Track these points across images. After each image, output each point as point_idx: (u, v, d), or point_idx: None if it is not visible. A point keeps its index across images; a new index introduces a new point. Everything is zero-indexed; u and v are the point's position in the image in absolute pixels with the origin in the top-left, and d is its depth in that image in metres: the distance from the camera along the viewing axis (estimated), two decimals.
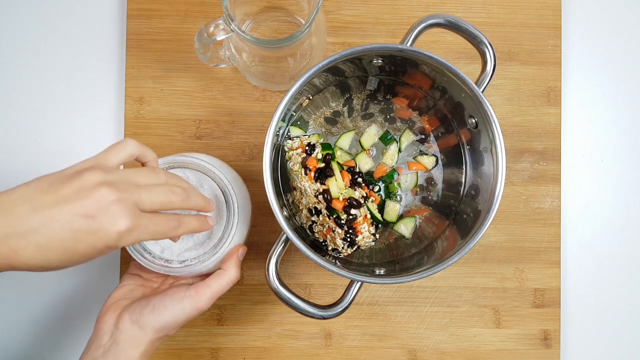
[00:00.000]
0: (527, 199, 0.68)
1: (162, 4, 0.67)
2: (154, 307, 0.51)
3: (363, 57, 0.55)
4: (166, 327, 0.51)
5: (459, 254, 0.52)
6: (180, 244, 0.55)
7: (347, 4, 0.68)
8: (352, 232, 0.58)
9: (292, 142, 0.61)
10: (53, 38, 0.68)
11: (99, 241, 0.42)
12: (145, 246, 0.54)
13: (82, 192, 0.42)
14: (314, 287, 0.67)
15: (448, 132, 0.63)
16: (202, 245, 0.55)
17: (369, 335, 0.67)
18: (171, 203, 0.46)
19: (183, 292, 0.52)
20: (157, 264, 0.54)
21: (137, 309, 0.51)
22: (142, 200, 0.44)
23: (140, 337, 0.50)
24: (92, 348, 0.51)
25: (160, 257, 0.54)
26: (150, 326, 0.51)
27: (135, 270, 0.58)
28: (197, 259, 0.54)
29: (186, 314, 0.51)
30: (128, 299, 0.53)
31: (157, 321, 0.51)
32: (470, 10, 0.69)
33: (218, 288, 0.53)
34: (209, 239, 0.56)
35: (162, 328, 0.51)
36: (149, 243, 0.54)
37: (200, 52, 0.58)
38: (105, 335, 0.51)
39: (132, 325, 0.51)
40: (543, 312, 0.68)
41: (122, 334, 0.50)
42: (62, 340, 0.67)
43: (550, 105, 0.69)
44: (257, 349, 0.67)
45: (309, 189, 0.58)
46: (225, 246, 0.54)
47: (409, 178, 0.63)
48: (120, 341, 0.50)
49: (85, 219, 0.41)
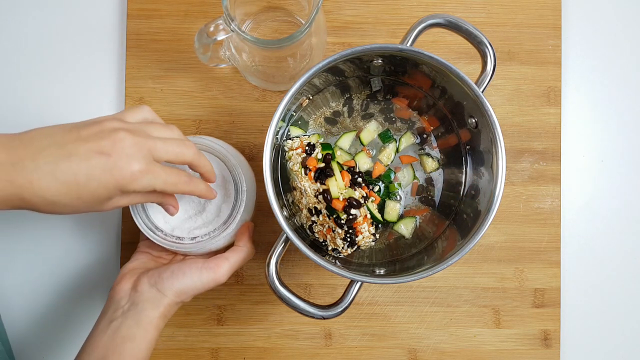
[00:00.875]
0: (527, 199, 0.68)
1: (162, 4, 0.67)
2: (173, 272, 0.52)
3: (363, 57, 0.55)
4: (184, 292, 0.52)
5: (459, 254, 0.52)
6: (189, 223, 0.57)
7: (347, 4, 0.68)
8: (352, 232, 0.58)
9: (292, 142, 0.61)
10: (53, 38, 0.68)
11: (112, 180, 0.43)
12: (156, 224, 0.56)
13: (101, 134, 0.44)
14: (314, 287, 0.67)
15: (448, 132, 0.63)
16: (211, 223, 0.57)
17: (369, 335, 0.67)
18: (184, 155, 0.48)
19: (202, 263, 0.53)
20: (169, 241, 0.55)
21: (155, 273, 0.53)
22: (157, 148, 0.46)
23: (159, 299, 0.51)
24: (108, 312, 0.52)
25: (172, 234, 0.56)
26: (169, 289, 0.52)
27: (144, 249, 0.59)
28: (207, 235, 0.56)
29: (204, 283, 0.53)
30: (143, 269, 0.55)
31: (176, 285, 0.52)
32: (470, 10, 0.69)
33: (235, 262, 0.54)
34: (217, 217, 0.57)
35: (180, 293, 0.52)
36: (159, 221, 0.56)
37: (200, 52, 0.58)
38: (123, 299, 0.52)
39: (150, 288, 0.52)
40: (543, 312, 0.68)
41: (141, 296, 0.51)
42: (61, 331, 0.67)
43: (550, 105, 0.69)
44: (257, 349, 0.67)
45: (309, 189, 0.58)
46: (234, 223, 0.56)
47: (406, 173, 0.63)
48: (140, 302, 0.51)
49: (102, 155, 0.43)
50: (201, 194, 0.52)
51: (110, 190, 0.44)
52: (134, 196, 0.47)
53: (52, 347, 0.67)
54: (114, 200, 0.46)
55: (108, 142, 0.44)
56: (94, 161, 0.43)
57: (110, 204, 0.46)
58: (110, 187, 0.44)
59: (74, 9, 0.68)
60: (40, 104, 0.67)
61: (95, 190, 0.44)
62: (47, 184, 0.42)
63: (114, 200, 0.46)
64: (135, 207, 0.55)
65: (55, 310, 0.67)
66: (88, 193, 0.44)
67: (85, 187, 0.43)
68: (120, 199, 0.46)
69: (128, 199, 0.47)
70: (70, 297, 0.67)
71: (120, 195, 0.46)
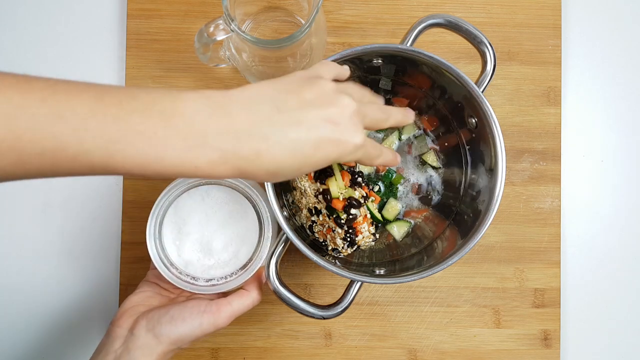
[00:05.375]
0: (527, 199, 0.68)
1: (162, 4, 0.67)
2: (172, 317, 0.50)
3: (363, 57, 0.55)
4: (181, 339, 0.50)
5: (459, 254, 0.52)
6: (203, 261, 0.54)
7: (347, 4, 0.68)
8: (352, 232, 0.58)
9: None
10: (53, 38, 0.68)
11: (335, 150, 0.39)
12: (171, 260, 0.54)
13: (326, 97, 0.40)
14: (314, 287, 0.67)
15: (448, 132, 0.63)
16: (228, 265, 0.55)
17: (369, 335, 0.67)
18: (384, 122, 0.45)
19: (204, 306, 0.51)
20: (183, 280, 0.53)
21: (154, 316, 0.50)
22: (368, 115, 0.42)
23: (154, 347, 0.49)
24: (102, 352, 0.50)
25: (186, 273, 0.54)
26: (166, 336, 0.49)
27: (153, 279, 0.57)
28: (224, 278, 0.54)
29: (203, 329, 0.50)
30: (145, 306, 0.52)
31: (174, 332, 0.49)
32: (470, 10, 0.69)
33: (239, 308, 0.52)
34: (234, 258, 0.55)
35: (177, 340, 0.50)
36: (173, 254, 0.54)
37: (200, 52, 0.58)
38: (118, 339, 0.50)
39: (147, 333, 0.49)
40: (543, 312, 0.68)
41: (136, 341, 0.49)
42: (61, 344, 0.67)
43: (550, 105, 0.69)
44: (257, 349, 0.67)
45: (309, 188, 0.58)
46: (253, 268, 0.54)
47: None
48: (133, 349, 0.49)
49: (332, 125, 0.39)
50: (388, 161, 0.47)
51: (330, 160, 0.40)
52: None
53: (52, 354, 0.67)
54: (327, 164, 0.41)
55: (337, 110, 0.39)
56: (323, 130, 0.38)
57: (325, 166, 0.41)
58: (332, 158, 0.40)
59: (74, 8, 0.68)
60: None
61: (319, 159, 0.39)
62: (275, 154, 0.37)
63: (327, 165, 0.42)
64: (152, 237, 0.53)
65: (56, 323, 0.67)
66: (310, 164, 0.39)
67: (311, 157, 0.39)
68: (336, 161, 0.42)
69: None
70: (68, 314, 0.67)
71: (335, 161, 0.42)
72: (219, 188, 0.55)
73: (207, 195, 0.55)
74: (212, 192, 0.55)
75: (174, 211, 0.54)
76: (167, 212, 0.54)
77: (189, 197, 0.54)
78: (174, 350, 0.51)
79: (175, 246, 0.54)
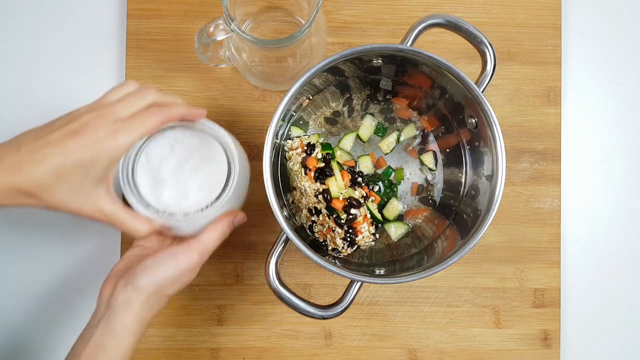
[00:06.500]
0: (527, 199, 0.68)
1: (162, 4, 0.67)
2: (146, 266, 0.51)
3: (363, 57, 0.55)
4: (161, 284, 0.51)
5: (459, 254, 0.52)
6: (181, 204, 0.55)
7: (347, 4, 0.68)
8: (352, 232, 0.58)
9: (292, 142, 0.61)
10: (53, 38, 0.68)
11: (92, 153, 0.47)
12: (147, 202, 0.54)
13: (70, 120, 0.49)
14: (314, 287, 0.67)
15: (448, 132, 0.63)
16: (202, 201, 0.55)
17: (369, 335, 0.67)
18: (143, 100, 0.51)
19: (175, 249, 0.52)
20: (161, 217, 0.54)
21: (131, 272, 0.51)
22: (116, 109, 0.49)
23: (133, 298, 0.50)
24: (90, 321, 0.51)
25: (164, 211, 0.54)
26: (144, 285, 0.50)
27: (138, 243, 0.57)
28: (200, 210, 0.54)
29: (180, 268, 0.51)
30: (124, 270, 0.53)
31: (152, 279, 0.50)
32: (470, 10, 0.69)
33: (209, 241, 0.53)
34: (208, 194, 0.55)
35: (157, 286, 0.51)
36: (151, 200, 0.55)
37: (200, 52, 0.58)
38: (102, 305, 0.51)
39: (125, 288, 0.50)
40: (543, 312, 0.68)
41: (116, 300, 0.50)
42: (59, 320, 0.67)
43: (550, 105, 0.69)
44: (257, 349, 0.67)
45: (309, 188, 0.58)
46: (226, 198, 0.54)
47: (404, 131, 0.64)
48: (115, 306, 0.50)
49: (72, 135, 0.47)
50: (182, 114, 0.52)
51: (101, 164, 0.48)
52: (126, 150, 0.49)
53: (47, 346, 0.67)
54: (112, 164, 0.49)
55: (75, 124, 0.48)
56: (68, 142, 0.47)
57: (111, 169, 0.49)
58: (99, 161, 0.47)
59: (74, 9, 0.68)
60: (40, 104, 0.67)
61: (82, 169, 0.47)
62: (34, 168, 0.46)
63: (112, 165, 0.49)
64: (127, 185, 0.54)
65: (55, 298, 0.67)
66: (77, 176, 0.47)
67: (71, 171, 0.47)
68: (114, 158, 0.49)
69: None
70: (70, 295, 0.67)
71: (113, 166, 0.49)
72: (183, 131, 0.56)
73: (176, 142, 0.56)
74: (179, 138, 0.56)
75: (145, 160, 0.55)
76: (138, 161, 0.55)
77: (157, 146, 0.55)
78: (159, 299, 0.51)
79: (152, 195, 0.55)
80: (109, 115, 0.49)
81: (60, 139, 0.47)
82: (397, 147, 0.64)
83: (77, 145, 0.47)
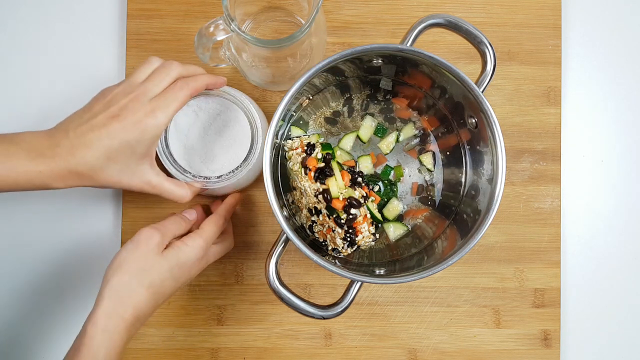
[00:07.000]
0: (527, 199, 0.68)
1: (162, 4, 0.67)
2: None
3: (363, 57, 0.55)
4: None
5: (459, 254, 0.52)
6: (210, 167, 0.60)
7: (347, 4, 0.68)
8: (352, 232, 0.58)
9: (292, 142, 0.61)
10: (53, 38, 0.68)
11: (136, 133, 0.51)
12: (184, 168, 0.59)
13: (108, 103, 0.52)
14: (314, 287, 0.67)
15: (448, 132, 0.63)
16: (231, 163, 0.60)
17: (369, 335, 0.67)
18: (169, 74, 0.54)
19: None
20: (197, 181, 0.59)
21: None
22: (148, 88, 0.52)
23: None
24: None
25: (199, 175, 0.59)
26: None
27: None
28: (232, 172, 0.59)
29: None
30: None
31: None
32: (470, 10, 0.69)
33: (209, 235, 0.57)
34: (234, 157, 0.60)
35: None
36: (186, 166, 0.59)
37: (200, 52, 0.58)
38: None
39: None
40: (543, 312, 0.68)
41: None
42: (56, 316, 0.67)
43: (550, 105, 0.69)
44: (257, 349, 0.67)
45: (309, 188, 0.58)
46: (254, 158, 0.59)
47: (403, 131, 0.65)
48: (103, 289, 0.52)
49: (114, 118, 0.51)
50: (207, 83, 0.56)
51: (145, 142, 0.51)
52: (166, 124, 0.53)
53: (45, 339, 0.67)
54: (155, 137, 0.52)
55: (115, 108, 0.51)
56: (112, 125, 0.50)
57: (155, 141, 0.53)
58: (143, 139, 0.51)
59: (74, 9, 0.68)
60: (40, 104, 0.67)
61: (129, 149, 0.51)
62: (85, 151, 0.50)
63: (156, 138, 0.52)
64: (164, 155, 0.58)
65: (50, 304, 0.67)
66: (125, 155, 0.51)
67: (118, 152, 0.51)
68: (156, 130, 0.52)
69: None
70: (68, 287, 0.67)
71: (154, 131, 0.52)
72: (206, 99, 0.60)
73: (200, 109, 0.60)
74: (202, 106, 0.60)
75: (175, 129, 0.59)
76: (169, 132, 0.59)
77: (183, 115, 0.60)
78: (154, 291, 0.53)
79: (186, 161, 0.59)
80: (143, 95, 0.52)
81: (104, 123, 0.50)
82: (397, 147, 0.64)
83: (121, 127, 0.50)
